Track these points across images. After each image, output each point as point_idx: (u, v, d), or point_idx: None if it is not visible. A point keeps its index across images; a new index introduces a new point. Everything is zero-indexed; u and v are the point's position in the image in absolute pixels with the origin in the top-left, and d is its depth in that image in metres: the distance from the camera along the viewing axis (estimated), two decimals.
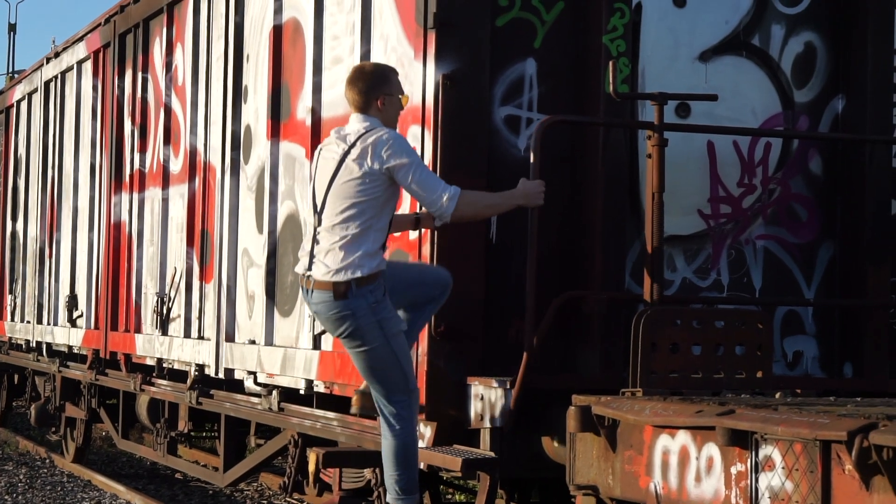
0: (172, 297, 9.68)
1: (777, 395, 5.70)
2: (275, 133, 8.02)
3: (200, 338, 9.11)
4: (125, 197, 10.83)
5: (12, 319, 14.67)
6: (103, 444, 14.69)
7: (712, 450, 4.76)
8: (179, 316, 9.52)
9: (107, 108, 11.38)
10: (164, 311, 9.76)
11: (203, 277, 9.15)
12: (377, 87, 5.98)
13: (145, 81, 10.52)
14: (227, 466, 9.47)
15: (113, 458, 13.93)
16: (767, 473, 4.50)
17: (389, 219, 5.94)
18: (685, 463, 4.88)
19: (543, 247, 6.13)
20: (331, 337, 7.22)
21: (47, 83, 13.43)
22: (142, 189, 10.50)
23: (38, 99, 13.79)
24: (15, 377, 16.21)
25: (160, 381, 10.21)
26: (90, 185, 11.81)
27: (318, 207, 5.94)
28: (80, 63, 12.33)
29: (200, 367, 9.02)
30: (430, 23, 6.35)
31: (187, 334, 9.36)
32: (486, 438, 6.19)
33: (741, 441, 4.60)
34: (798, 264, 6.88)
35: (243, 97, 8.58)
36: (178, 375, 9.80)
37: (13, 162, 15.00)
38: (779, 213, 6.86)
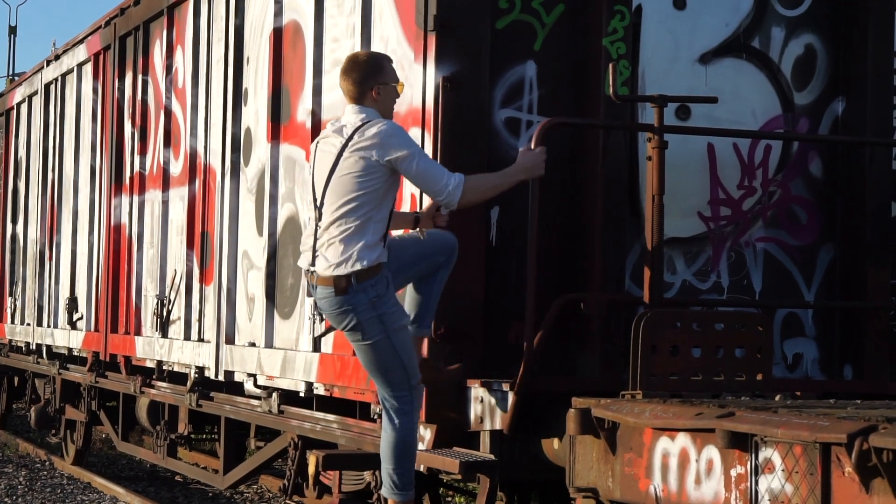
0: (172, 300, 9.68)
1: (777, 398, 5.69)
2: (275, 135, 8.02)
3: (200, 340, 9.11)
4: (125, 199, 10.83)
5: (12, 322, 14.67)
6: (103, 446, 14.69)
7: (712, 452, 4.75)
8: (179, 318, 9.52)
9: (107, 110, 11.38)
10: (164, 314, 9.76)
11: (203, 280, 9.14)
12: (372, 76, 5.92)
13: (145, 84, 10.53)
14: (227, 469, 9.47)
15: (113, 460, 13.93)
16: (767, 476, 4.50)
17: (389, 210, 5.89)
18: (685, 465, 4.88)
19: (543, 248, 6.13)
20: (331, 339, 7.22)
21: (47, 86, 13.44)
22: (142, 191, 10.50)
23: (38, 101, 13.79)
24: (15, 379, 16.21)
25: (160, 384, 10.21)
26: (90, 188, 11.81)
27: (318, 202, 5.91)
28: (81, 65, 12.33)
29: (200, 370, 9.02)
30: (430, 25, 6.34)
31: (187, 336, 9.36)
32: (485, 441, 6.19)
33: (741, 443, 4.59)
34: (798, 266, 6.87)
35: (243, 99, 8.58)
36: (178, 378, 9.80)
37: (13, 164, 15.00)
38: (779, 216, 6.86)
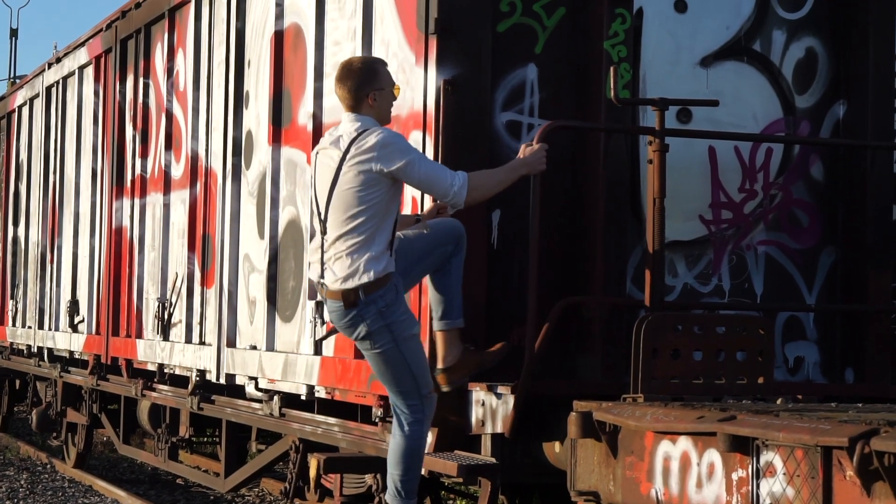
0: (174, 303, 9.68)
1: (778, 401, 5.69)
2: (276, 138, 8.02)
3: (202, 343, 9.11)
4: (126, 202, 10.83)
5: (14, 325, 14.67)
6: (104, 449, 14.69)
7: (713, 456, 4.75)
8: (181, 321, 9.52)
9: (108, 113, 11.38)
10: (166, 317, 9.76)
11: (204, 283, 9.14)
12: (367, 83, 5.88)
13: (147, 87, 10.53)
14: (229, 472, 9.47)
15: (114, 463, 13.93)
16: (769, 479, 4.50)
17: (394, 218, 5.87)
18: (686, 469, 4.88)
19: (545, 252, 6.13)
20: (332, 343, 7.22)
21: (49, 88, 13.44)
22: (143, 194, 10.50)
23: (39, 104, 13.79)
24: (16, 382, 16.22)
25: (161, 387, 10.20)
26: (91, 191, 11.81)
27: (322, 216, 5.90)
28: (82, 68, 12.33)
29: (202, 373, 9.02)
30: (431, 28, 6.34)
31: (188, 340, 9.35)
32: (487, 444, 6.18)
33: (742, 447, 4.59)
34: (799, 270, 6.87)
35: (245, 103, 8.58)
36: (179, 381, 9.80)
37: (14, 167, 15.01)
38: (780, 219, 6.86)
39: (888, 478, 4.06)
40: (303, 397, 7.52)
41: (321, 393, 7.33)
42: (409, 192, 6.44)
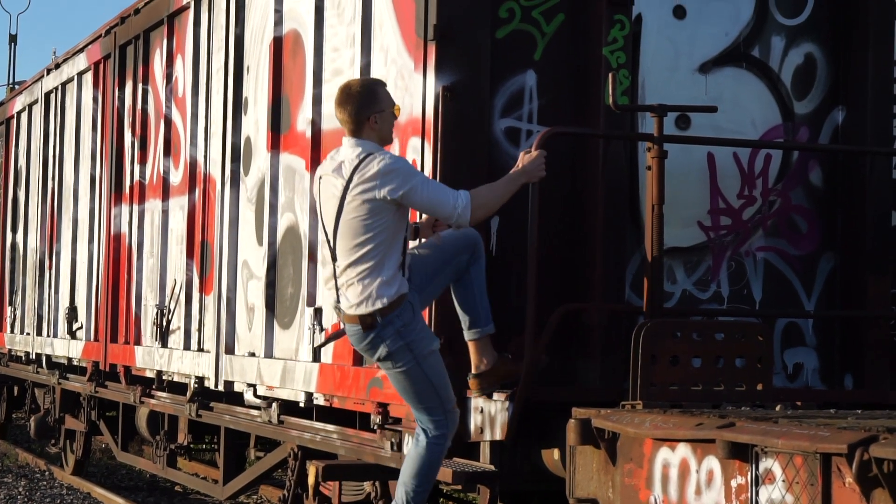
0: (172, 309, 9.67)
1: (777, 408, 5.68)
2: (275, 145, 8.01)
3: (200, 350, 9.10)
4: (125, 208, 10.82)
5: (12, 331, 14.66)
6: (103, 456, 14.68)
7: (712, 463, 4.74)
8: (179, 328, 9.51)
9: (107, 119, 11.38)
10: (164, 323, 9.74)
11: (203, 289, 9.14)
12: (367, 106, 5.87)
13: (145, 93, 10.52)
14: (227, 479, 9.46)
15: (112, 470, 13.92)
16: (768, 486, 4.49)
17: (403, 239, 5.89)
18: (685, 476, 4.87)
19: (544, 258, 6.12)
20: (330, 349, 7.21)
21: (48, 94, 13.44)
22: (142, 201, 10.50)
23: (38, 110, 13.79)
24: (14, 389, 16.20)
25: (160, 394, 10.19)
26: (90, 197, 11.80)
27: (330, 243, 5.91)
28: (81, 74, 12.33)
29: (200, 380, 9.01)
30: (430, 34, 6.34)
31: (187, 346, 9.34)
32: (485, 451, 6.18)
33: (741, 454, 4.59)
34: (798, 276, 6.87)
35: (243, 109, 8.58)
36: (177, 388, 9.79)
37: (13, 173, 15.00)
38: (779, 225, 6.85)
39: (887, 485, 4.06)
40: (301, 404, 7.51)
41: (320, 400, 7.32)
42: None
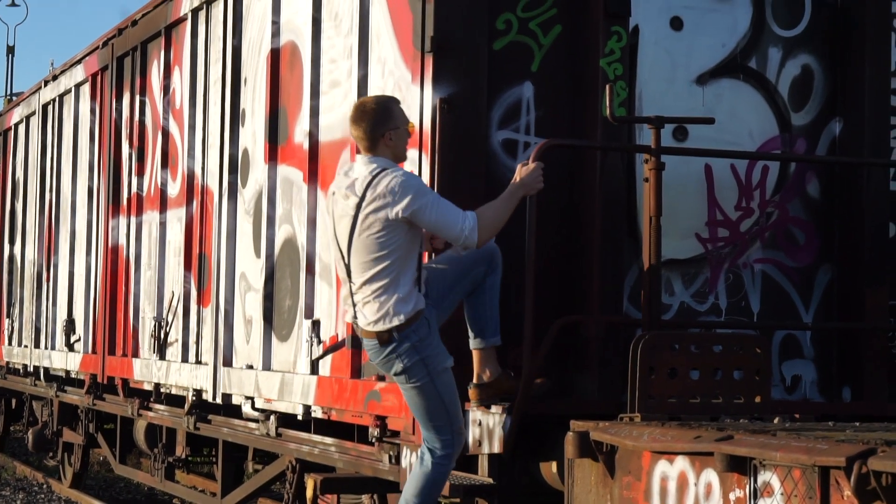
0: (170, 322, 9.66)
1: (776, 420, 5.68)
2: (272, 157, 8.01)
3: (198, 362, 9.09)
4: (123, 220, 10.81)
5: (10, 344, 14.64)
6: (101, 469, 14.65)
7: (711, 476, 4.73)
8: (177, 340, 9.50)
9: (104, 131, 11.37)
10: (162, 336, 9.73)
11: (200, 301, 9.13)
12: (382, 123, 5.88)
13: (143, 104, 10.52)
14: (225, 492, 9.44)
15: (110, 483, 13.89)
16: (766, 499, 4.48)
17: (417, 255, 5.90)
18: (684, 489, 4.86)
19: (541, 270, 6.11)
20: (328, 362, 7.20)
21: (45, 106, 13.44)
22: (139, 213, 10.49)
23: (35, 122, 13.79)
24: (12, 402, 16.18)
25: (158, 406, 10.18)
26: (88, 209, 11.80)
27: (345, 260, 5.91)
28: (78, 86, 12.33)
29: (198, 392, 8.99)
30: (427, 46, 6.33)
31: (185, 359, 9.33)
32: (483, 464, 6.16)
33: (740, 467, 4.58)
34: (796, 288, 6.86)
35: (241, 120, 8.57)
36: (175, 400, 9.78)
37: (11, 185, 14.99)
38: (776, 237, 6.85)
39: (886, 498, 4.05)
40: (299, 417, 7.50)
41: (318, 413, 7.30)
42: None
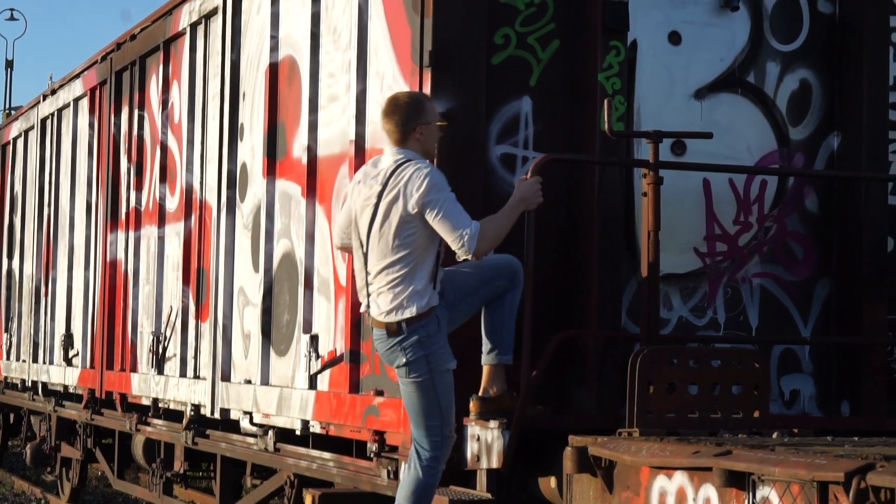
0: (168, 336, 9.65)
1: (774, 435, 5.67)
2: (271, 171, 8.01)
3: (196, 377, 9.08)
4: (121, 235, 10.81)
5: (8, 358, 14.63)
6: (99, 484, 14.62)
7: (709, 491, 4.72)
8: (175, 355, 9.49)
9: (103, 145, 11.37)
10: (160, 350, 9.72)
11: (199, 316, 9.12)
12: (414, 117, 5.92)
13: (141, 119, 10.52)
14: None
15: (109, 498, 13.86)
16: None
17: (436, 252, 5.91)
18: None
19: (539, 285, 6.11)
20: (327, 377, 7.19)
21: (44, 120, 13.44)
22: (138, 227, 10.49)
23: (34, 136, 13.79)
24: (10, 416, 16.16)
25: (156, 421, 10.17)
26: (86, 223, 11.79)
27: (364, 248, 5.94)
28: (77, 100, 12.33)
29: (196, 407, 8.98)
30: (425, 61, 6.34)
31: (183, 373, 9.32)
32: (482, 479, 6.15)
33: (738, 482, 4.57)
34: (794, 302, 6.86)
35: (239, 135, 8.57)
36: (173, 415, 9.76)
37: (9, 199, 15.00)
38: (775, 251, 6.85)
39: None
40: (297, 432, 7.48)
41: (316, 428, 7.30)
42: None
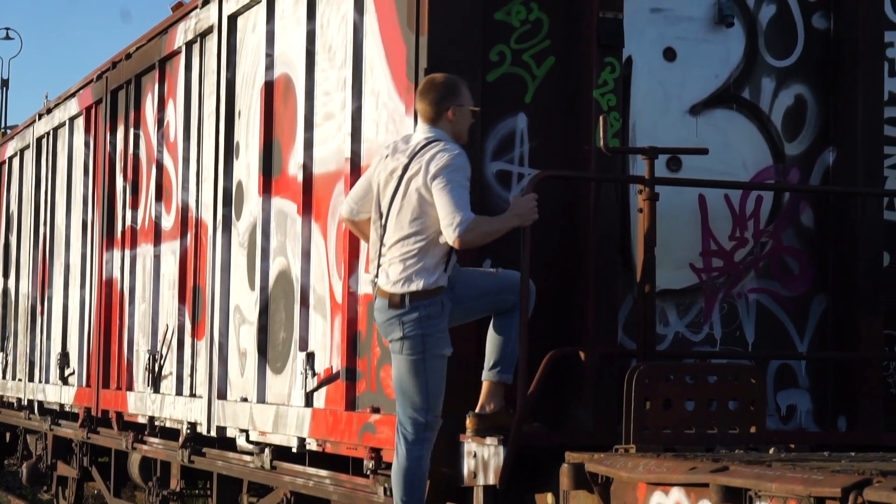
0: (164, 355, 9.64)
1: (771, 451, 5.66)
2: (266, 189, 8.01)
3: (192, 395, 9.07)
4: (117, 253, 10.81)
5: (4, 377, 14.61)
6: (95, 502, 14.59)
7: None
8: (171, 373, 9.48)
9: (98, 164, 11.38)
10: (156, 369, 9.71)
11: (195, 334, 9.11)
12: (448, 97, 6.00)
13: (137, 138, 10.53)
14: None
15: None
16: None
17: None
18: None
19: (535, 301, 6.10)
20: (323, 394, 7.19)
21: (39, 139, 13.45)
22: (133, 245, 10.48)
23: (30, 155, 13.79)
24: (6, 435, 16.14)
25: (152, 440, 10.15)
26: (82, 242, 11.79)
27: (383, 219, 6.00)
28: (73, 119, 12.34)
29: (192, 425, 8.97)
30: (421, 78, 6.34)
31: (179, 392, 9.31)
32: (479, 496, 6.14)
33: (735, 498, 4.56)
34: (791, 317, 6.85)
35: (235, 153, 8.58)
36: (170, 433, 9.75)
37: (5, 218, 15.00)
38: (771, 267, 6.85)
39: None
40: (294, 450, 7.48)
41: (312, 445, 7.28)
42: None
